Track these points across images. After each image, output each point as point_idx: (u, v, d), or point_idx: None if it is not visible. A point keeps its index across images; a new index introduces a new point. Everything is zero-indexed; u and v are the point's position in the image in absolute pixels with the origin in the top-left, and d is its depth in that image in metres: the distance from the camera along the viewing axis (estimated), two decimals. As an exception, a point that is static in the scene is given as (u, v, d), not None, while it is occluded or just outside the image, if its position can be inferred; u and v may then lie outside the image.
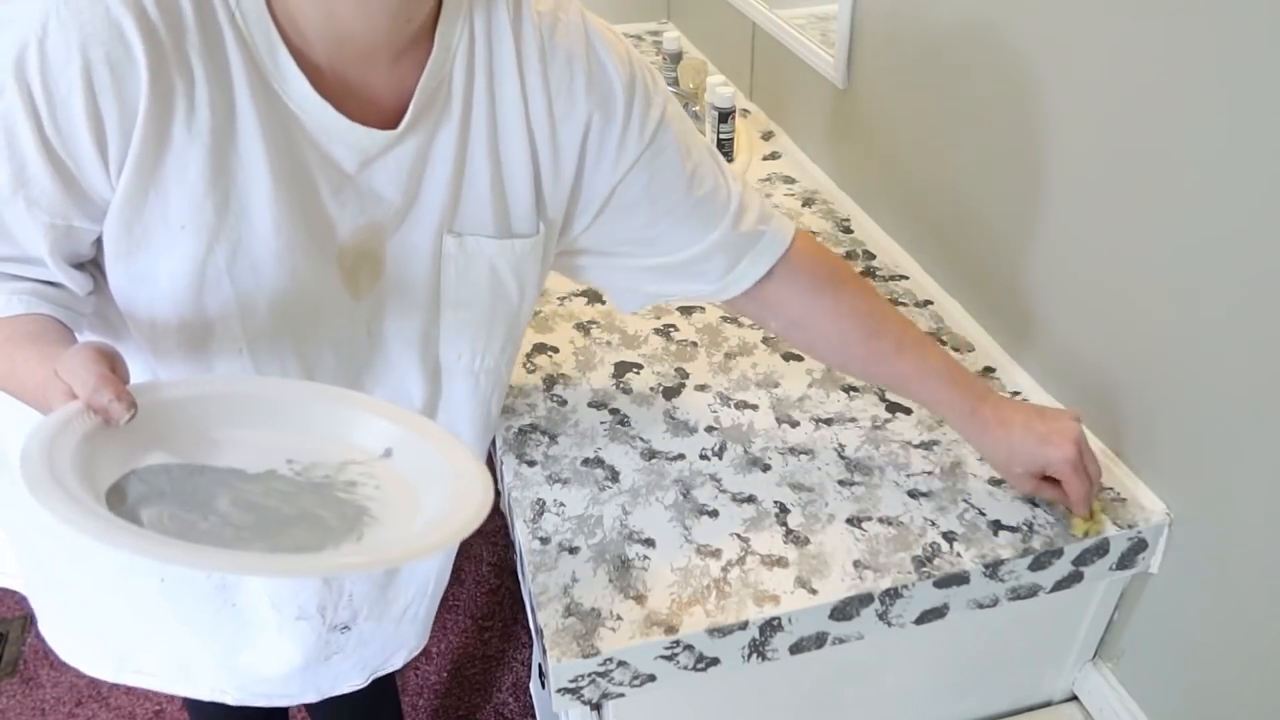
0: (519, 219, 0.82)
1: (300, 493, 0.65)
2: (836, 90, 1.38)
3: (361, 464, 0.68)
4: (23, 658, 1.79)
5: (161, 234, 0.70)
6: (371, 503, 0.65)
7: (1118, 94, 0.86)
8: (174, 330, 0.74)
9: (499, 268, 0.83)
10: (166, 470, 0.63)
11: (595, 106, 0.79)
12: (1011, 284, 1.06)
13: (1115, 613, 0.98)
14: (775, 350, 1.12)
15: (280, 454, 0.67)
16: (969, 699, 1.03)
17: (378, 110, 0.73)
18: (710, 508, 0.91)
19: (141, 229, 0.69)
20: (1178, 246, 0.82)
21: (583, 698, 0.80)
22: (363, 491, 0.66)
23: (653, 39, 2.11)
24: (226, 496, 0.62)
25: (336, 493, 0.65)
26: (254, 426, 0.67)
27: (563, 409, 1.03)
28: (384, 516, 0.64)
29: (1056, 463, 0.85)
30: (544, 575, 0.85)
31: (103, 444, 0.59)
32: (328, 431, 0.69)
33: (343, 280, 0.78)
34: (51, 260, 0.69)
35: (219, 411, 0.67)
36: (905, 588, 0.83)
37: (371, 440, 0.69)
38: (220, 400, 0.67)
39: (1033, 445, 0.86)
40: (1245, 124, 0.74)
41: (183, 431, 0.65)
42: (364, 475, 0.67)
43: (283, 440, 0.67)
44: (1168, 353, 0.86)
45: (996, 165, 1.05)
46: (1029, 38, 0.96)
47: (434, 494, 0.65)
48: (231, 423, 0.67)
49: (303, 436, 0.68)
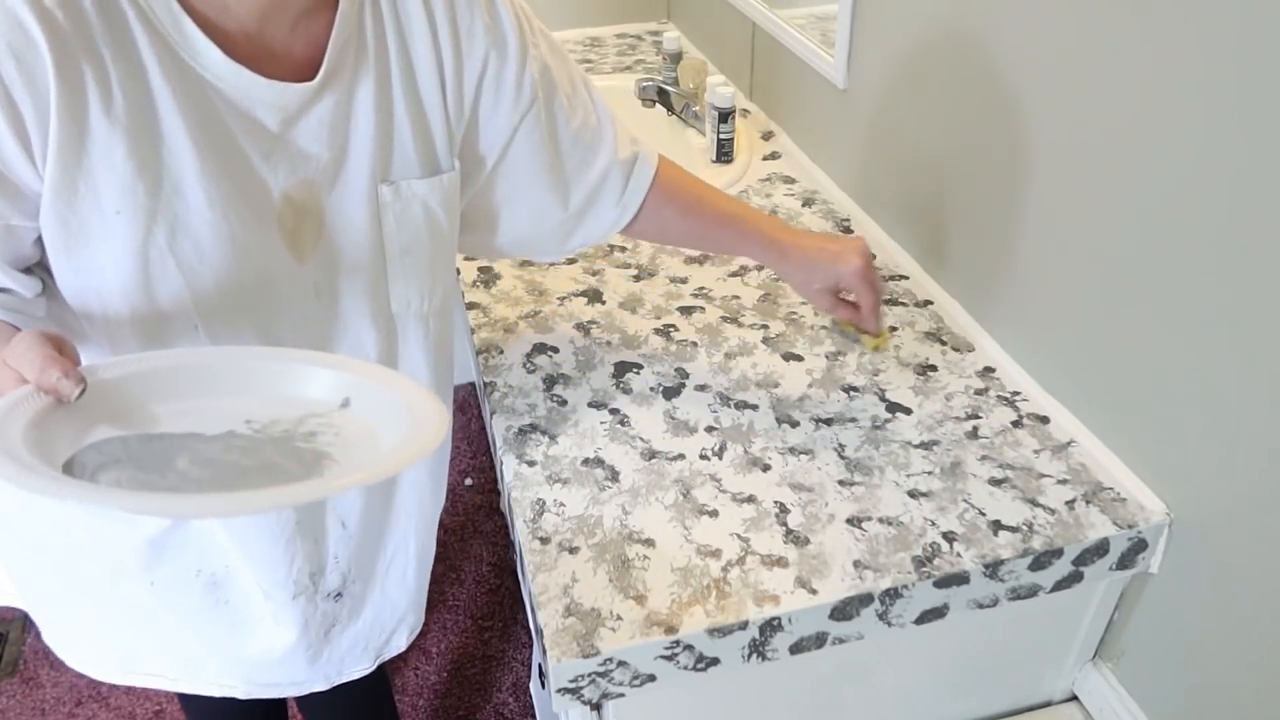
0: (441, 156, 0.86)
1: (259, 447, 0.65)
2: (836, 90, 1.38)
3: (321, 416, 0.68)
4: (23, 658, 1.79)
5: (97, 223, 0.70)
6: (331, 448, 0.66)
7: (1119, 94, 0.86)
8: (127, 319, 0.74)
9: (432, 206, 0.86)
10: (123, 441, 0.63)
11: (492, 46, 0.85)
12: (1011, 284, 1.06)
13: (1115, 613, 0.98)
14: (775, 350, 1.12)
15: (239, 416, 0.67)
16: (969, 699, 1.03)
17: (294, 67, 0.74)
18: (710, 508, 0.91)
19: (77, 221, 0.69)
20: (1178, 248, 0.82)
21: (583, 698, 0.80)
22: (322, 440, 0.66)
23: (653, 39, 2.11)
24: (185, 457, 0.63)
25: (296, 443, 0.66)
26: (210, 395, 0.68)
27: (563, 409, 1.03)
28: (343, 458, 0.64)
29: (847, 275, 1.01)
30: (544, 575, 0.85)
31: (55, 424, 0.59)
32: (284, 391, 0.69)
33: (285, 244, 0.79)
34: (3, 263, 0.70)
35: (170, 384, 0.67)
36: (905, 588, 0.83)
37: (328, 393, 0.70)
38: (170, 373, 0.68)
39: (826, 261, 1.02)
40: (1249, 130, 0.74)
41: (133, 408, 0.65)
42: (323, 425, 0.68)
43: (240, 404, 0.68)
44: (1168, 352, 0.86)
45: (996, 165, 1.05)
46: (1029, 38, 0.96)
47: (391, 431, 0.66)
48: (186, 394, 0.67)
49: (259, 399, 0.69)
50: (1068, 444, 0.97)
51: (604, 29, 2.17)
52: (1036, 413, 1.01)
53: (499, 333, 1.16)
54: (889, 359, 1.09)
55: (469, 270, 1.28)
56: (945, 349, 1.11)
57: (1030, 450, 0.97)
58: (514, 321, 1.18)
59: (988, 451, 0.97)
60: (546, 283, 1.25)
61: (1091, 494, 0.91)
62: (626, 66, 1.95)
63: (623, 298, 1.22)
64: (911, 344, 1.12)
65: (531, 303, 1.21)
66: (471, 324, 1.18)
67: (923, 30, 1.14)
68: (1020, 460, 0.96)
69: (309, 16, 0.74)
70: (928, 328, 1.15)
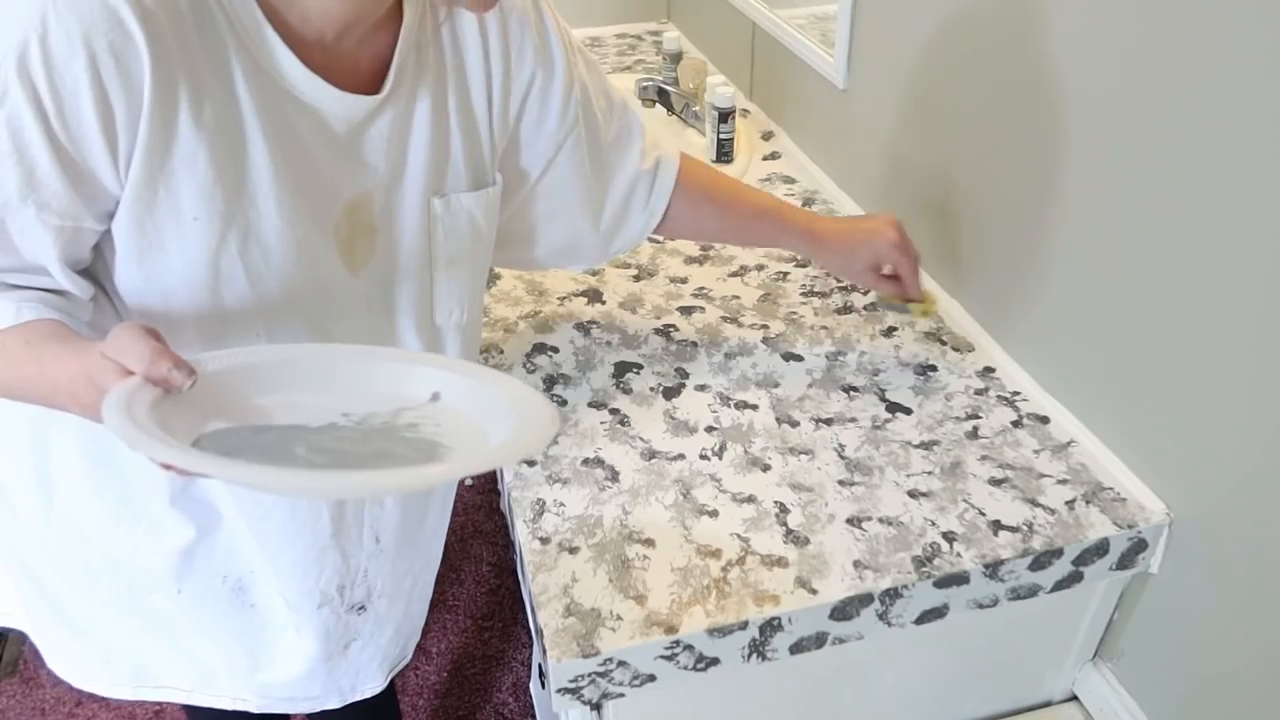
0: (487, 169, 0.88)
1: (367, 437, 0.66)
2: (836, 90, 1.38)
3: (414, 409, 0.69)
4: (23, 658, 1.79)
5: (173, 229, 0.70)
6: (439, 437, 0.66)
7: (1119, 94, 0.86)
8: (190, 324, 0.75)
9: (477, 218, 0.87)
10: (234, 432, 0.64)
11: (539, 65, 0.87)
12: (1011, 284, 1.06)
13: (1115, 613, 0.98)
14: (775, 350, 1.12)
15: (335, 410, 0.68)
16: (969, 699, 1.03)
17: (360, 80, 0.75)
18: (710, 508, 0.91)
19: (153, 225, 0.70)
20: (1178, 249, 0.82)
21: (583, 698, 0.80)
22: (425, 430, 0.67)
23: (653, 39, 2.11)
24: (301, 445, 0.64)
25: (402, 434, 0.67)
26: (300, 391, 0.69)
27: (563, 409, 1.03)
28: (456, 445, 0.65)
29: (885, 248, 1.02)
30: (544, 575, 0.85)
31: (167, 416, 0.60)
32: (373, 387, 0.70)
33: (340, 254, 0.80)
34: (59, 265, 0.69)
35: (264, 379, 0.68)
36: (905, 588, 0.83)
37: (416, 388, 0.71)
38: (263, 368, 0.69)
39: (862, 240, 1.03)
40: (1249, 126, 0.74)
41: (237, 400, 0.66)
42: (421, 418, 0.68)
43: (332, 400, 0.69)
44: (1168, 352, 0.86)
45: (997, 165, 1.05)
46: (1029, 37, 0.96)
47: (498, 419, 0.67)
48: (277, 389, 0.68)
49: (351, 394, 0.70)
50: (1068, 444, 0.97)
51: (604, 29, 2.17)
52: (1036, 413, 1.01)
53: (499, 333, 1.16)
54: (889, 359, 1.09)
55: (469, 270, 1.28)
56: (945, 349, 1.11)
57: (1030, 450, 0.97)
58: (514, 321, 1.18)
59: (988, 451, 0.97)
60: (546, 283, 1.25)
61: (1091, 494, 0.91)
62: (626, 66, 1.95)
63: (623, 298, 1.22)
64: (911, 344, 1.12)
65: (531, 303, 1.21)
66: (471, 324, 1.18)
67: (923, 30, 1.14)
68: (1020, 460, 0.96)
69: (376, 30, 0.75)
70: (928, 328, 1.15)
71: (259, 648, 0.98)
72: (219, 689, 1.01)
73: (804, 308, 1.19)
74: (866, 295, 1.20)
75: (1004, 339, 1.10)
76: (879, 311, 1.17)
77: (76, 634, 0.99)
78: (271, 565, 0.92)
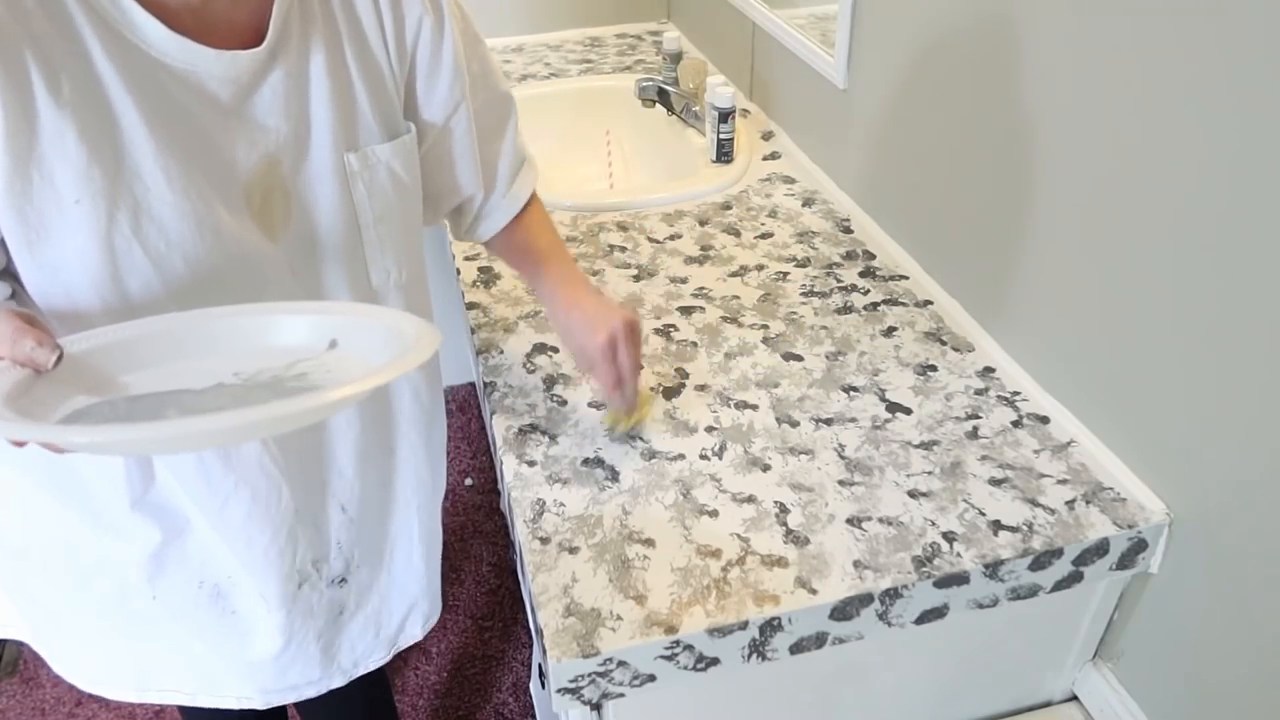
0: (396, 119, 0.86)
1: (249, 393, 0.64)
2: (836, 90, 1.38)
3: (310, 359, 0.67)
4: (23, 658, 1.79)
5: (56, 214, 0.68)
6: (325, 382, 0.64)
7: (1119, 94, 0.86)
8: (99, 316, 0.72)
9: (396, 170, 0.85)
10: (109, 403, 0.62)
11: (425, 10, 0.84)
12: (1011, 284, 1.06)
13: (1115, 613, 0.98)
14: (775, 350, 1.12)
15: (224, 372, 0.66)
16: (969, 699, 1.03)
17: (240, 37, 0.73)
18: (710, 508, 0.91)
19: (35, 214, 0.67)
20: (1178, 248, 0.82)
21: (583, 698, 0.80)
22: (314, 378, 0.65)
23: (653, 39, 2.11)
24: (173, 409, 0.61)
25: (288, 384, 0.65)
26: (187, 359, 0.67)
27: (563, 409, 1.03)
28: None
29: (590, 348, 0.94)
30: (544, 575, 0.85)
31: (35, 395, 0.59)
32: (265, 343, 0.68)
33: (255, 223, 0.77)
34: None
35: (141, 352, 0.66)
36: (905, 588, 0.83)
37: (311, 338, 0.69)
38: (138, 342, 0.67)
39: (581, 328, 0.95)
40: (1249, 132, 0.74)
41: (107, 380, 0.64)
42: (313, 367, 0.66)
43: (222, 362, 0.67)
44: (1168, 353, 0.86)
45: (996, 165, 1.05)
46: (1029, 37, 0.96)
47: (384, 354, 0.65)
48: (160, 360, 0.66)
49: (242, 354, 0.67)
50: (1068, 444, 0.97)
51: (604, 29, 2.17)
52: (1036, 413, 1.01)
53: (499, 333, 1.16)
54: (889, 359, 1.09)
55: (469, 270, 1.28)
56: (945, 349, 1.11)
57: (1030, 450, 0.97)
58: (514, 321, 1.18)
59: (988, 451, 0.97)
60: (546, 283, 1.25)
61: (1091, 494, 0.92)
62: (626, 66, 1.95)
63: (622, 298, 1.22)
64: (911, 344, 1.12)
65: (531, 303, 1.21)
66: (471, 324, 1.18)
67: (923, 30, 1.14)
68: (1020, 460, 0.96)
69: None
70: (928, 328, 1.15)
71: (249, 649, 0.98)
72: (222, 690, 1.01)
73: (804, 308, 1.19)
74: (867, 295, 1.20)
75: (1004, 339, 1.10)
76: (880, 311, 1.18)
77: (75, 641, 0.99)
78: (244, 561, 0.91)
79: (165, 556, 0.90)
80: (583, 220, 1.40)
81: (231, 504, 0.87)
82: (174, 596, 0.93)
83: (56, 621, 0.98)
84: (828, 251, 1.30)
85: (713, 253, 1.31)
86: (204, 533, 0.89)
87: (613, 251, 1.32)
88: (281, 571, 0.93)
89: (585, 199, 1.45)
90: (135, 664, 1.00)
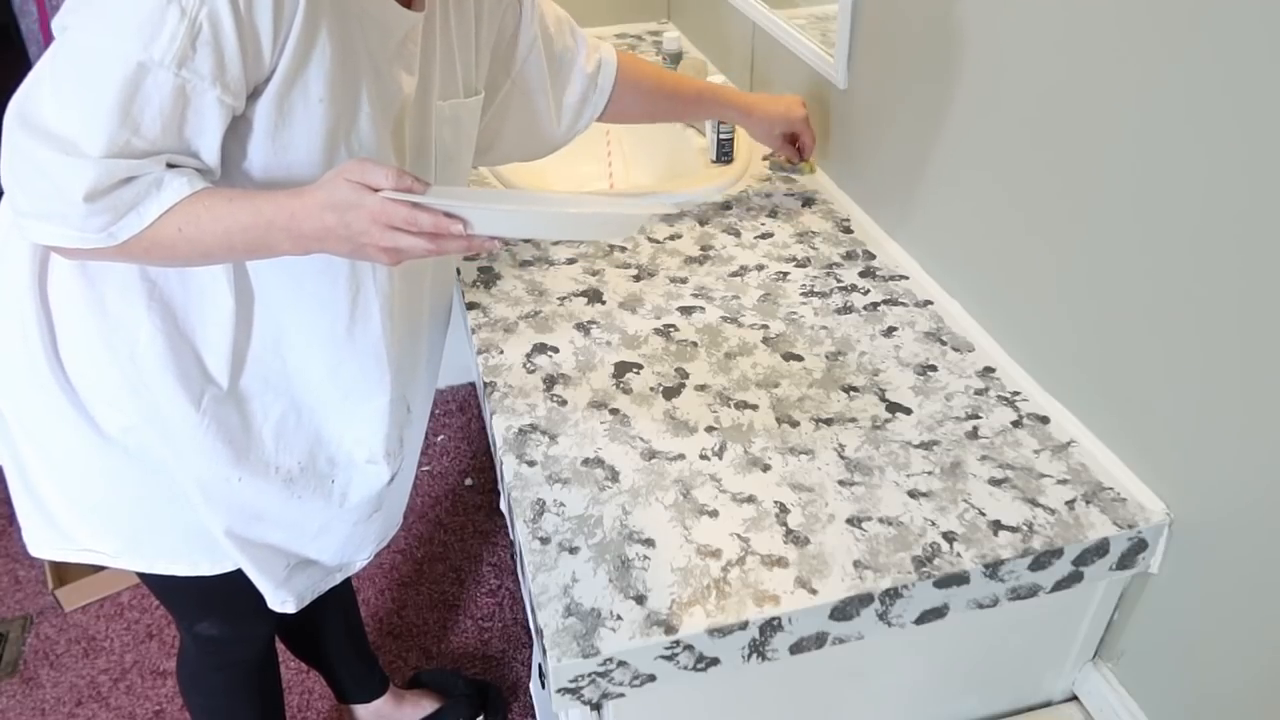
0: (475, 79, 1.05)
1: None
2: (836, 90, 1.38)
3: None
4: (23, 658, 1.79)
5: (302, 108, 0.81)
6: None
7: (1119, 94, 0.86)
8: None
9: (466, 122, 1.04)
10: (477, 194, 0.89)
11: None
12: (1011, 284, 1.06)
13: (1115, 613, 0.98)
14: (775, 350, 1.12)
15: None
16: (969, 699, 1.03)
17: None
18: (710, 508, 0.91)
19: (289, 104, 0.81)
20: (1178, 248, 0.82)
21: (583, 698, 0.80)
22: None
23: (653, 39, 2.11)
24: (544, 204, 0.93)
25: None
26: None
27: (563, 409, 1.03)
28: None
29: (797, 120, 1.40)
30: (544, 575, 0.85)
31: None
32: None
33: (392, 148, 0.92)
34: (217, 144, 0.79)
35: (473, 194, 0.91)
36: (905, 588, 0.83)
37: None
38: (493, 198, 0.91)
39: (783, 114, 1.39)
40: (1249, 130, 0.74)
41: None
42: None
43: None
44: (1169, 352, 0.86)
45: (996, 165, 1.05)
46: (1029, 37, 0.96)
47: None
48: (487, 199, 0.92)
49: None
50: (1068, 444, 0.97)
51: (604, 29, 2.17)
52: (1036, 413, 1.01)
53: (499, 333, 1.16)
54: (889, 359, 1.09)
55: (469, 270, 1.28)
56: (945, 349, 1.11)
57: (1030, 450, 0.97)
58: (514, 321, 1.18)
59: (988, 451, 0.97)
60: (546, 283, 1.25)
61: (1091, 494, 0.92)
62: (626, 66, 1.95)
63: (623, 298, 1.22)
64: (911, 344, 1.12)
65: (531, 303, 1.21)
66: (471, 324, 1.18)
67: (923, 30, 1.14)
68: (1020, 460, 0.96)
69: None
70: (928, 328, 1.15)
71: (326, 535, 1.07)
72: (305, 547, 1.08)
73: (804, 308, 1.19)
74: (866, 295, 1.20)
75: (1004, 339, 1.10)
76: (880, 311, 1.18)
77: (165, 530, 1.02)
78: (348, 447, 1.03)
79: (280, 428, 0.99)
80: (583, 220, 1.40)
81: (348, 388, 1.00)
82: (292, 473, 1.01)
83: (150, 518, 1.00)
84: (828, 251, 1.30)
85: (713, 253, 1.31)
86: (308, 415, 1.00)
87: (613, 251, 1.32)
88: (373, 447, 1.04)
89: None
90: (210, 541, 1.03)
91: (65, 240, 0.77)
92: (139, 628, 1.84)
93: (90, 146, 0.73)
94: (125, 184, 0.76)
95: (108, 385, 0.92)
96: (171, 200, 0.77)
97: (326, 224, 0.78)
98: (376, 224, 0.77)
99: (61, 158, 0.73)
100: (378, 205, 0.76)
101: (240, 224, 0.78)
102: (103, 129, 0.72)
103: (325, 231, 0.78)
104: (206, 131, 0.78)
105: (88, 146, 0.73)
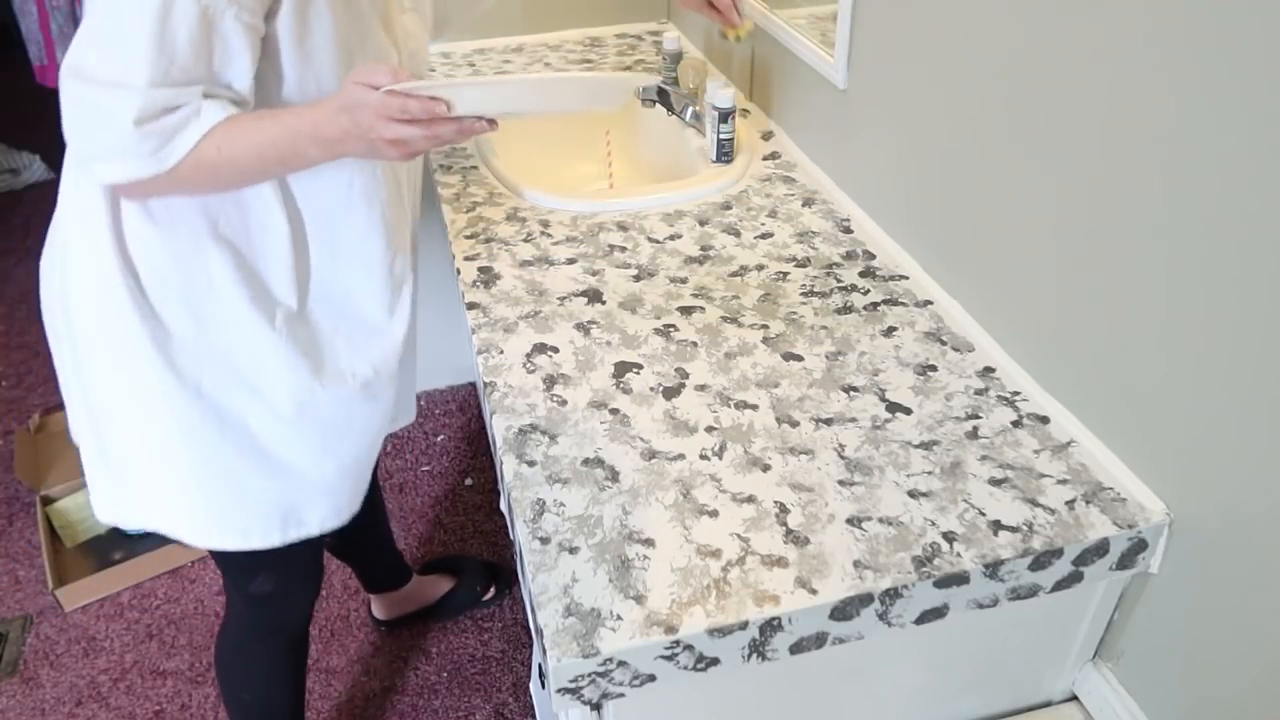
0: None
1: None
2: (836, 90, 1.38)
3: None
4: (23, 658, 1.79)
5: (315, 16, 0.91)
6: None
7: (1119, 94, 0.86)
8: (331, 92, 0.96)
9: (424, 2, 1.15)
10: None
11: None
12: (1011, 284, 1.06)
13: (1115, 613, 0.98)
14: (775, 350, 1.12)
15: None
16: (969, 699, 1.03)
17: None
18: (710, 508, 0.91)
19: (306, 13, 0.91)
20: (1177, 247, 0.82)
21: (583, 698, 0.80)
22: None
23: (653, 39, 2.11)
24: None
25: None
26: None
27: (563, 409, 1.03)
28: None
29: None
30: (544, 575, 0.85)
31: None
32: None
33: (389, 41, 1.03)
34: (249, 71, 0.88)
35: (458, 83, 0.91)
36: (905, 588, 0.83)
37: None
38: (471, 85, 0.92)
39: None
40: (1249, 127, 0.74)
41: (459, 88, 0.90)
42: None
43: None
44: (1169, 352, 0.86)
45: (996, 165, 1.05)
46: (1029, 37, 0.96)
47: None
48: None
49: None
50: (1068, 444, 0.97)
51: (604, 29, 2.17)
52: (1036, 413, 1.01)
53: (499, 333, 1.16)
54: (889, 359, 1.09)
55: (469, 270, 1.28)
56: (945, 349, 1.11)
57: (1030, 450, 0.97)
58: (514, 321, 1.18)
59: (988, 451, 0.97)
60: (546, 283, 1.25)
61: (1091, 494, 0.92)
62: (626, 66, 1.95)
63: (623, 298, 1.22)
64: (911, 344, 1.12)
65: (531, 303, 1.21)
66: (471, 324, 1.18)
67: (923, 30, 1.14)
68: (1020, 460, 0.96)
69: None
70: (928, 328, 1.15)
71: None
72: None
73: (804, 308, 1.19)
74: (867, 295, 1.20)
75: (1004, 339, 1.10)
76: (880, 311, 1.18)
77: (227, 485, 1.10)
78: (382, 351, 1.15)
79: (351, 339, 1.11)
80: (583, 220, 1.40)
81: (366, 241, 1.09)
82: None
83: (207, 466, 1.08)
84: (828, 251, 1.30)
85: (713, 253, 1.31)
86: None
87: (613, 251, 1.32)
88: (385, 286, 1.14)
89: (585, 199, 1.45)
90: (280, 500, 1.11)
91: (124, 173, 0.87)
92: (139, 628, 1.84)
93: (135, 77, 0.82)
94: (169, 112, 0.85)
95: (192, 318, 1.01)
96: (210, 122, 0.86)
97: (342, 125, 0.87)
98: (380, 118, 0.85)
99: (111, 91, 0.83)
100: (378, 100, 0.85)
101: (270, 138, 0.89)
102: (143, 60, 0.82)
103: (343, 133, 0.88)
104: (234, 59, 0.87)
105: (134, 78, 0.82)
